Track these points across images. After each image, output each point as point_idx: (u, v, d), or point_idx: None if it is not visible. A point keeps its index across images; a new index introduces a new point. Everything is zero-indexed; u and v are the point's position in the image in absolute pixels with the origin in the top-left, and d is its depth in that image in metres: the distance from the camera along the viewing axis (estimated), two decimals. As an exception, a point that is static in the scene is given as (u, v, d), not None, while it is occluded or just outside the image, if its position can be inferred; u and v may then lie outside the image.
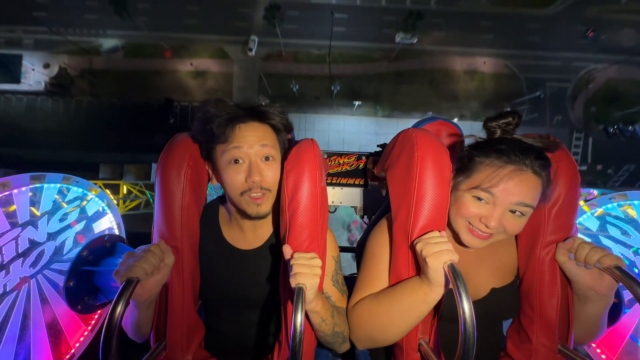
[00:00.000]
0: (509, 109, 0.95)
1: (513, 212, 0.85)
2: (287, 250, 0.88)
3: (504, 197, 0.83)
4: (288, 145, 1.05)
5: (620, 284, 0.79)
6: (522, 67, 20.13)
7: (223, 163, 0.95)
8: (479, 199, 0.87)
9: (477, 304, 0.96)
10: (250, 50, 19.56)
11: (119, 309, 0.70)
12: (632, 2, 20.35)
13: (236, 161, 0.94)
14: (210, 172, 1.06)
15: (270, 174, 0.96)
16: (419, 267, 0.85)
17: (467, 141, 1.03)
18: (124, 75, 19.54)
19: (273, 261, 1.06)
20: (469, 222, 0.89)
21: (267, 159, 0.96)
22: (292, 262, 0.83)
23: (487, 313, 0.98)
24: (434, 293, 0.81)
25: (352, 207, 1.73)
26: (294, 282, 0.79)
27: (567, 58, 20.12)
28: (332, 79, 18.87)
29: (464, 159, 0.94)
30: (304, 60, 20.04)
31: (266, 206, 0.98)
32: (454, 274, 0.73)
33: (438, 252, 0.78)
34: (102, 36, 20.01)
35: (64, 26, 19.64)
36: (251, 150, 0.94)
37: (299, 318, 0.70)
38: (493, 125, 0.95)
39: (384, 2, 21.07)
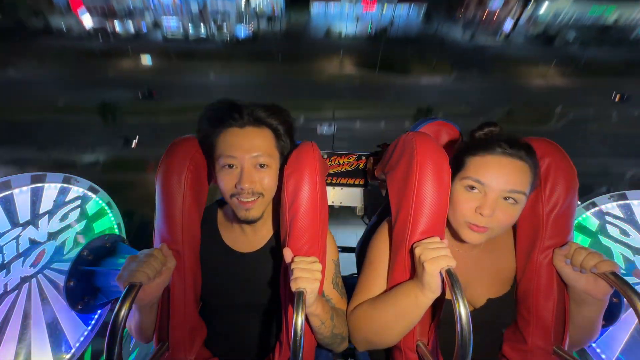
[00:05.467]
0: (489, 121, 1.00)
1: (506, 199, 0.86)
2: (287, 253, 0.88)
3: (494, 184, 0.85)
4: (289, 150, 1.03)
5: None
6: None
7: (218, 166, 0.96)
8: (471, 188, 0.88)
9: (473, 314, 0.98)
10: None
11: (122, 314, 0.71)
12: (622, 119, 22.72)
13: (230, 166, 0.94)
14: (210, 170, 1.06)
15: (265, 180, 0.96)
16: (415, 271, 0.86)
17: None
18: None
19: (273, 263, 1.06)
20: (468, 222, 0.90)
21: (261, 166, 0.95)
22: (292, 266, 0.83)
23: (484, 322, 0.99)
24: (426, 297, 0.82)
25: (352, 207, 1.73)
26: (294, 287, 0.79)
27: (600, 164, 20.04)
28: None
29: (454, 161, 0.96)
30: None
31: (256, 211, 0.96)
32: (451, 279, 0.74)
33: (436, 258, 0.78)
34: (89, 153, 20.01)
35: (55, 145, 19.74)
36: (245, 157, 0.93)
37: (300, 321, 0.71)
38: (479, 134, 0.98)
39: (383, 125, 21.99)
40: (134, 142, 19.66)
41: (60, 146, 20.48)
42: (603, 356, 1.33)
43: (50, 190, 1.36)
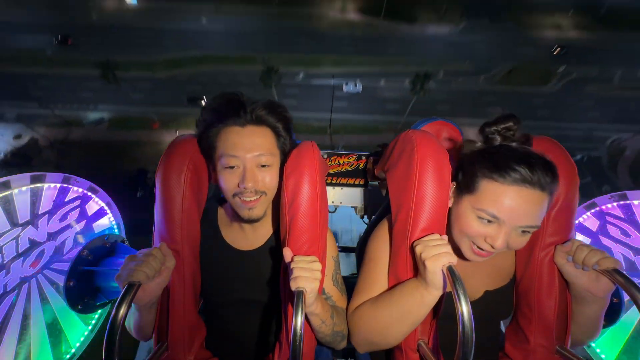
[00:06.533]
0: (507, 113, 0.87)
1: (519, 231, 0.82)
2: (287, 253, 0.88)
3: (510, 220, 0.80)
4: (289, 148, 1.03)
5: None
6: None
7: (219, 166, 0.95)
8: (488, 222, 0.83)
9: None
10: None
11: (120, 313, 0.70)
12: (623, 81, 21.98)
13: (232, 166, 0.93)
14: (210, 170, 1.05)
15: (267, 178, 0.96)
16: (418, 269, 0.85)
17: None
18: (101, 147, 18.94)
19: (273, 261, 1.06)
20: (473, 242, 0.86)
21: (263, 166, 0.95)
22: (292, 265, 0.83)
23: (481, 314, 0.98)
24: (431, 295, 0.81)
25: (352, 207, 1.73)
26: (294, 286, 0.79)
27: (586, 129, 20.16)
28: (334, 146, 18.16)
29: (465, 173, 0.89)
30: (303, 130, 19.37)
31: (259, 210, 0.97)
32: (452, 276, 0.73)
33: (437, 255, 0.78)
34: (93, 110, 20.01)
35: (55, 102, 19.70)
36: (247, 156, 0.92)
37: (299, 321, 0.70)
38: (492, 130, 0.88)
39: (383, 83, 21.91)
40: (202, 100, 18.81)
41: (61, 103, 19.87)
42: (603, 356, 1.33)
43: (50, 190, 1.36)
